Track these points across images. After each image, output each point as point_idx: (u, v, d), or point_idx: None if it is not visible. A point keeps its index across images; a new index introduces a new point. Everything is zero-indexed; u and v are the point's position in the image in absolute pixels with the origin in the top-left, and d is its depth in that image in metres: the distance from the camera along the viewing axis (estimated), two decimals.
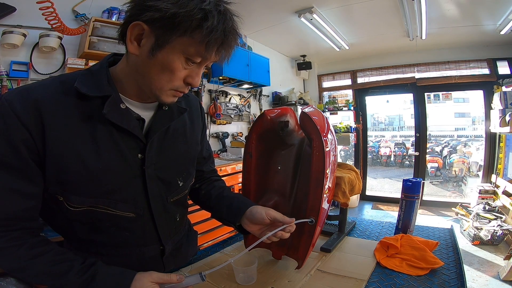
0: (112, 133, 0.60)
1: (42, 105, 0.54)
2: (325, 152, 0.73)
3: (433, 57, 4.08)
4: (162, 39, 0.53)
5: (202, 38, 0.53)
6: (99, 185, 0.60)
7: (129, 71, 0.61)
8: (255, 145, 0.89)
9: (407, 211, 1.03)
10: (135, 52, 0.56)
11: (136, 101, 0.65)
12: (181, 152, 0.74)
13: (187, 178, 0.78)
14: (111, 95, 0.59)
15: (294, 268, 0.81)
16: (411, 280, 0.76)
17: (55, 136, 0.55)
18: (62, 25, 1.79)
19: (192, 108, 0.80)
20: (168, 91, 0.59)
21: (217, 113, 3.25)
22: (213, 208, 0.84)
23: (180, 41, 0.53)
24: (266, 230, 0.72)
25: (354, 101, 4.70)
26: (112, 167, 0.61)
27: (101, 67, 0.62)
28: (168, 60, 0.55)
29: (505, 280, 2.16)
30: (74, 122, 0.57)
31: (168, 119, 0.69)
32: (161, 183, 0.69)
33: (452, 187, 5.88)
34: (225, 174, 2.57)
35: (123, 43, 0.59)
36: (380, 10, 2.93)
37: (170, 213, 0.74)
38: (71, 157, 0.56)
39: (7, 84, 1.76)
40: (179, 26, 0.51)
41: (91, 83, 0.59)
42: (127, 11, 0.55)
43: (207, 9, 0.52)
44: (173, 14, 0.50)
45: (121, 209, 0.64)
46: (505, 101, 3.15)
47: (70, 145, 0.56)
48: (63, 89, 0.57)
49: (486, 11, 2.87)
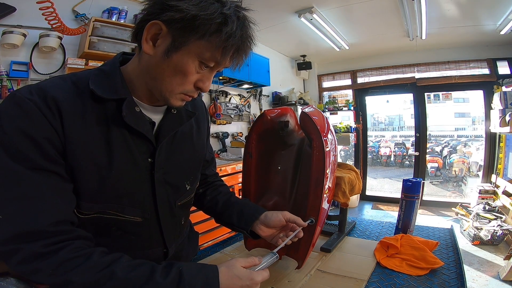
0: (126, 136, 0.59)
1: (61, 105, 0.52)
2: (325, 152, 0.73)
3: (433, 57, 4.08)
4: (179, 40, 0.52)
5: (219, 43, 0.52)
6: (110, 189, 0.58)
7: (140, 72, 0.60)
8: (255, 145, 0.89)
9: (407, 211, 1.03)
10: (149, 52, 0.55)
11: (146, 103, 0.64)
12: (188, 156, 0.74)
13: (194, 181, 0.78)
14: (126, 97, 0.58)
15: (294, 268, 0.81)
16: (411, 280, 0.76)
17: (73, 138, 0.53)
18: (62, 25, 1.79)
19: (198, 111, 0.79)
20: (178, 94, 0.58)
21: (217, 113, 3.25)
22: (222, 215, 0.83)
23: (197, 44, 0.53)
24: (277, 234, 0.76)
25: (354, 101, 4.70)
26: (124, 171, 0.59)
27: (113, 67, 0.60)
28: (183, 63, 0.54)
29: (505, 280, 2.16)
30: (89, 125, 0.55)
31: (177, 123, 0.69)
32: (169, 187, 0.69)
33: (452, 187, 5.88)
34: (225, 174, 2.57)
35: (136, 42, 0.58)
36: (380, 10, 2.93)
37: (176, 217, 0.74)
38: (86, 160, 0.55)
39: (7, 84, 1.76)
40: (198, 29, 0.51)
41: (106, 84, 0.57)
42: (145, 9, 0.54)
43: (227, 14, 0.51)
44: (193, 16, 0.50)
45: (129, 213, 0.63)
46: (505, 101, 3.15)
47: (86, 147, 0.55)
48: (77, 90, 0.55)
49: (486, 11, 2.87)
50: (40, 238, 0.48)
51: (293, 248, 0.83)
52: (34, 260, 0.47)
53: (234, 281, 0.53)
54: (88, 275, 0.47)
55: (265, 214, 0.76)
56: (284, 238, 0.72)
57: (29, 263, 0.47)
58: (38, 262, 0.47)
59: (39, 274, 0.47)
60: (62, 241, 0.49)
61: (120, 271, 0.48)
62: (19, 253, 0.47)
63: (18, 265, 0.47)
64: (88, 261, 0.48)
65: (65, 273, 0.47)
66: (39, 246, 0.47)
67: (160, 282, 0.49)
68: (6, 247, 0.47)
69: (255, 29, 0.58)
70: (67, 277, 0.47)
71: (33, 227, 0.48)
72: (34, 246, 0.47)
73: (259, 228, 0.75)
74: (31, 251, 0.47)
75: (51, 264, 0.47)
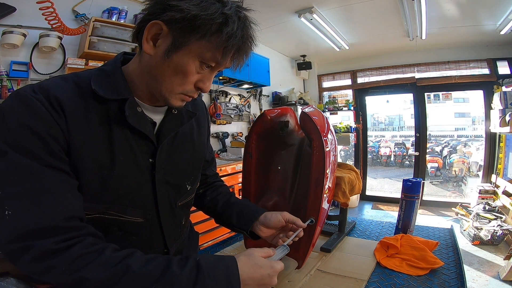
0: (128, 136, 0.59)
1: (63, 104, 0.51)
2: (325, 152, 0.73)
3: (433, 57, 4.08)
4: (180, 41, 0.52)
5: (220, 43, 0.52)
6: (112, 189, 0.58)
7: (141, 72, 0.60)
8: (255, 145, 0.89)
9: (407, 211, 1.03)
10: (150, 52, 0.55)
11: (147, 103, 0.64)
12: (189, 156, 0.74)
13: (195, 181, 0.78)
14: (128, 98, 0.58)
15: (294, 268, 0.81)
16: (411, 280, 0.76)
17: (77, 138, 0.53)
18: (62, 25, 1.79)
19: (199, 111, 0.79)
20: (177, 94, 0.58)
21: (217, 113, 3.25)
22: (221, 215, 0.83)
23: (198, 44, 0.53)
24: (277, 235, 0.75)
25: (354, 101, 4.69)
26: (126, 171, 0.59)
27: (115, 67, 0.60)
28: (183, 63, 0.54)
29: (505, 280, 2.16)
30: (92, 124, 0.55)
31: (178, 123, 0.69)
32: (170, 187, 0.69)
33: (452, 187, 5.88)
34: (225, 174, 2.57)
35: (137, 42, 0.58)
36: (380, 10, 2.93)
37: (177, 217, 0.74)
38: (89, 159, 0.55)
39: (7, 84, 1.76)
40: (199, 29, 0.51)
41: (107, 84, 0.57)
42: (146, 9, 0.54)
43: (228, 14, 0.51)
44: (194, 16, 0.50)
45: (131, 214, 0.63)
46: (505, 101, 3.15)
47: (89, 147, 0.54)
48: (79, 90, 0.55)
49: (486, 11, 2.87)
50: (52, 234, 0.46)
51: (293, 248, 0.83)
52: (46, 258, 0.45)
53: (255, 269, 0.52)
54: (102, 271, 0.45)
55: (264, 215, 0.75)
56: (284, 239, 0.71)
57: (40, 262, 0.45)
58: (50, 259, 0.45)
59: (52, 272, 0.45)
60: (74, 238, 0.47)
61: (135, 265, 0.46)
62: (30, 251, 0.44)
63: (28, 264, 0.45)
64: (101, 256, 0.46)
65: (79, 270, 0.44)
66: (51, 243, 0.45)
67: (177, 273, 0.47)
68: (15, 245, 0.44)
69: (256, 29, 0.58)
70: (81, 274, 0.44)
71: (44, 223, 0.46)
72: (46, 242, 0.45)
73: (258, 228, 0.75)
74: (43, 248, 0.44)
75: (63, 261, 0.45)
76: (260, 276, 0.52)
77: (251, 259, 0.53)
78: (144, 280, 0.46)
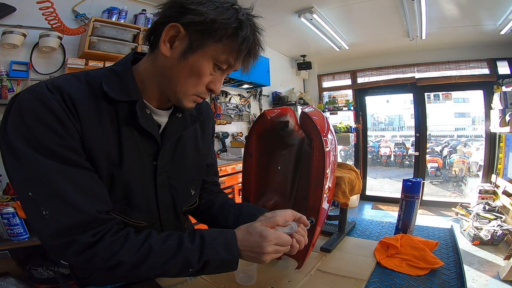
0: (136, 137, 0.60)
1: (77, 104, 0.53)
2: (325, 152, 0.73)
3: (433, 57, 4.07)
4: (197, 43, 0.54)
5: (234, 46, 0.55)
6: (119, 188, 0.59)
7: (153, 73, 0.60)
8: (255, 145, 0.89)
9: (407, 211, 1.03)
10: (167, 53, 0.56)
11: (154, 106, 0.64)
12: (192, 160, 0.74)
13: (199, 186, 0.79)
14: (138, 100, 0.59)
15: (294, 268, 0.81)
16: (411, 280, 0.76)
17: (89, 137, 0.54)
18: (62, 25, 1.79)
19: (203, 114, 0.79)
20: (191, 96, 0.60)
21: (217, 113, 3.25)
22: (217, 217, 0.80)
23: (214, 47, 0.55)
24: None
25: (354, 101, 4.69)
26: (133, 172, 0.60)
27: (125, 68, 0.61)
28: (198, 65, 0.56)
29: (505, 280, 2.16)
30: (104, 124, 0.56)
31: (182, 126, 0.69)
32: (174, 191, 0.69)
33: (452, 187, 5.88)
34: (225, 174, 2.57)
35: (149, 44, 0.60)
36: (380, 10, 2.93)
37: (181, 222, 0.74)
38: (101, 158, 0.56)
39: (7, 84, 1.76)
40: (216, 32, 0.53)
41: (118, 86, 0.58)
42: (162, 12, 0.56)
43: (242, 20, 0.55)
44: (212, 20, 0.52)
45: (136, 218, 0.64)
46: (505, 101, 3.14)
47: (101, 146, 0.56)
48: (90, 91, 0.56)
49: (486, 11, 2.87)
50: (89, 228, 0.50)
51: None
52: (88, 249, 0.50)
53: (247, 237, 0.56)
54: (132, 253, 0.51)
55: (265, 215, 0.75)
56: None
57: (83, 253, 0.50)
58: (92, 250, 0.50)
59: (94, 260, 0.50)
60: (106, 228, 0.53)
61: (155, 244, 0.53)
62: (74, 244, 0.49)
63: (73, 256, 0.50)
64: (128, 241, 0.52)
65: (114, 255, 0.50)
66: (90, 236, 0.50)
67: (189, 247, 0.53)
68: (59, 241, 0.49)
69: (263, 34, 0.62)
70: (118, 258, 0.50)
71: (81, 219, 0.50)
72: (85, 236, 0.50)
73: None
74: (84, 241, 0.49)
75: (101, 250, 0.50)
76: (250, 243, 0.55)
77: (247, 227, 0.57)
78: (164, 256, 0.52)
